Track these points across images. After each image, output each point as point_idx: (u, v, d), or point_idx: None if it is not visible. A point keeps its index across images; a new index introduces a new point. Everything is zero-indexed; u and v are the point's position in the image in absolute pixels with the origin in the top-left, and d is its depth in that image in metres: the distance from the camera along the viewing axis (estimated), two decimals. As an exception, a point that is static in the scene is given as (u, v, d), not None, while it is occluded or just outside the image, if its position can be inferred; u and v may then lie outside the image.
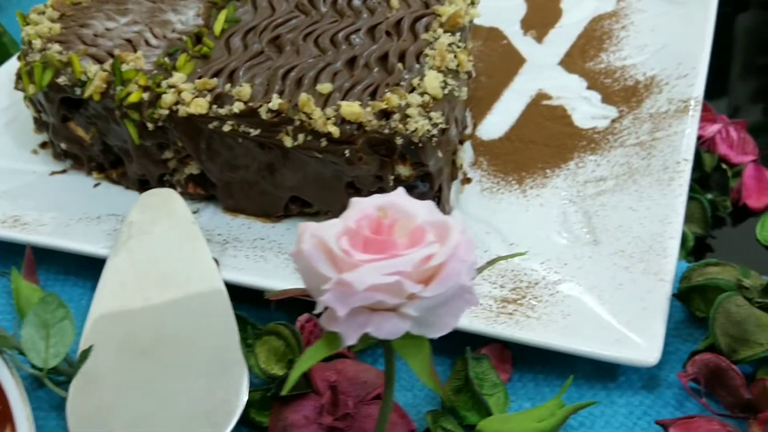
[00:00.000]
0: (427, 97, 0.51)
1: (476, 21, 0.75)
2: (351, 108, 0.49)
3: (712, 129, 0.61)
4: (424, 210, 0.35)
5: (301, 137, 0.50)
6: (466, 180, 0.59)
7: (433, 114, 0.50)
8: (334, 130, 0.49)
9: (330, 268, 0.32)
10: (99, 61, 0.58)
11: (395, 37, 0.58)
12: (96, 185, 0.62)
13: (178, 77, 0.54)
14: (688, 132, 0.56)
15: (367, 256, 0.32)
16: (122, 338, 0.45)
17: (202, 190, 0.58)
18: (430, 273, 0.33)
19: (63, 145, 0.61)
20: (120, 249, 0.51)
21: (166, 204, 0.53)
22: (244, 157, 0.54)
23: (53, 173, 0.63)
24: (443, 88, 0.52)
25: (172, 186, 0.59)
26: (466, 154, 0.62)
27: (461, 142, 0.63)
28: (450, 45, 0.56)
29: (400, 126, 0.49)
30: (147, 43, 0.60)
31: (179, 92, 0.53)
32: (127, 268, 0.49)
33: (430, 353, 0.33)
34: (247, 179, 0.55)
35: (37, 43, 0.59)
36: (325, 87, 0.52)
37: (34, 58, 0.58)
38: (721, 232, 0.56)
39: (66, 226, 0.56)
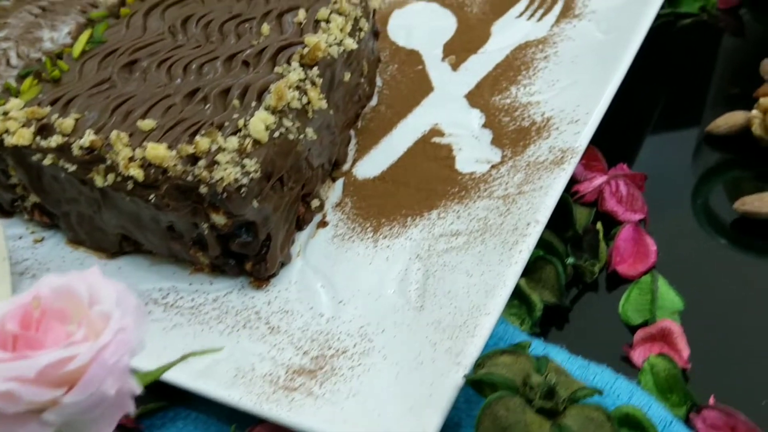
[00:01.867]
0: (248, 141, 0.46)
1: (400, 43, 0.70)
2: (156, 151, 0.45)
3: (597, 182, 0.54)
4: (107, 295, 0.30)
5: (110, 177, 0.47)
6: (323, 224, 0.54)
7: (247, 161, 0.45)
8: (138, 174, 0.45)
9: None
10: (-49, 79, 0.55)
11: (252, 68, 0.53)
12: (-40, 203, 0.59)
13: (13, 104, 0.51)
14: (553, 189, 0.50)
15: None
16: None
17: (47, 219, 0.55)
18: (75, 375, 0.29)
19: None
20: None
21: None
22: (71, 191, 0.50)
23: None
24: (273, 130, 0.47)
25: (23, 210, 0.56)
26: (335, 193, 0.57)
27: (334, 180, 0.58)
28: (302, 80, 0.51)
29: (205, 173, 0.44)
30: (8, 62, 0.57)
31: (5, 120, 0.50)
32: None
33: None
34: (81, 212, 0.52)
35: None
36: (146, 124, 0.48)
37: None
38: (582, 302, 0.50)
39: None
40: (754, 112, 0.60)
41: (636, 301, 0.49)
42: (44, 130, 0.49)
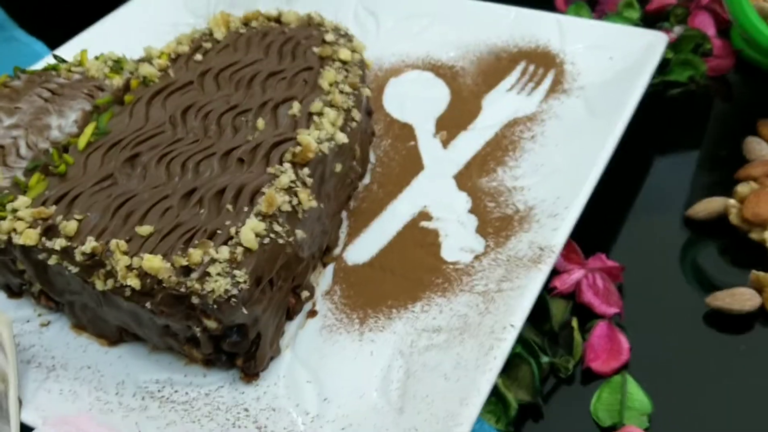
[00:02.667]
0: (239, 250, 0.49)
1: (394, 115, 0.73)
2: (151, 263, 0.48)
3: (575, 276, 0.56)
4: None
5: (110, 282, 0.49)
6: (312, 313, 0.57)
7: (237, 272, 0.48)
8: (135, 283, 0.48)
9: None
10: (-35, 170, 0.57)
11: (246, 166, 0.55)
12: (-29, 280, 0.62)
13: (21, 201, 0.54)
14: (529, 290, 0.52)
15: None
16: None
17: (53, 304, 0.58)
18: None
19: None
20: (-62, 376, 0.51)
21: (-7, 330, 0.53)
22: (75, 285, 0.53)
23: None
24: (264, 236, 0.50)
25: (30, 295, 0.59)
26: (325, 279, 0.59)
27: (325, 265, 0.61)
28: (293, 182, 0.53)
29: (197, 285, 0.47)
30: (18, 151, 0.60)
31: (16, 220, 0.52)
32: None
33: None
34: (84, 304, 0.55)
35: None
36: (144, 229, 0.51)
37: None
38: (555, 399, 0.52)
39: None
40: (732, 201, 0.62)
41: (607, 401, 0.51)
42: (50, 230, 0.52)
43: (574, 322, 0.54)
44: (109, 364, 0.54)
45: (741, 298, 0.55)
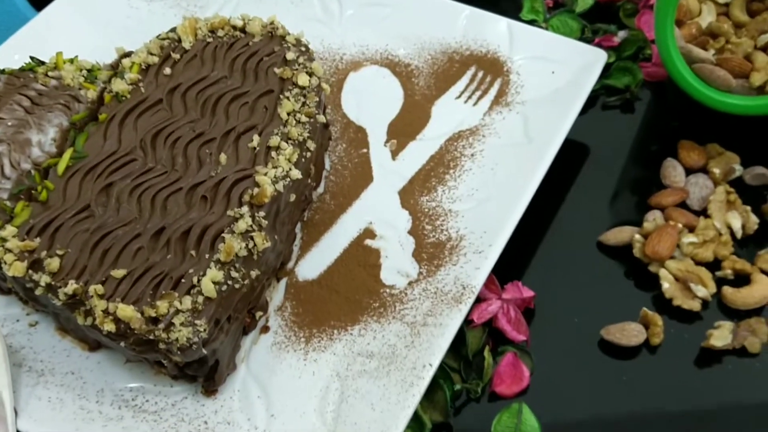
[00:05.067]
0: (200, 299, 0.56)
1: (351, 116, 0.78)
2: (124, 312, 0.55)
3: (493, 308, 0.65)
4: None
5: (89, 320, 0.57)
6: (265, 329, 0.65)
7: (198, 321, 0.55)
8: (111, 327, 0.55)
9: None
10: (-45, 188, 0.63)
11: (209, 204, 0.62)
12: (-35, 273, 0.69)
13: (9, 231, 0.60)
14: (449, 330, 0.61)
15: None
16: None
17: (40, 307, 0.65)
18: None
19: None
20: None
21: (-11, 342, 0.61)
22: (59, 306, 0.60)
23: (-65, 251, 0.70)
24: (222, 284, 0.57)
25: (19, 298, 0.66)
26: (278, 294, 0.67)
27: (279, 279, 0.68)
28: (250, 227, 0.60)
29: (163, 335, 0.55)
30: (2, 170, 0.65)
31: (5, 252, 0.59)
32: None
33: None
34: (67, 317, 0.62)
35: None
36: (118, 273, 0.58)
37: None
38: (464, 418, 0.62)
39: None
40: (637, 236, 0.69)
41: (505, 424, 0.61)
42: (35, 264, 0.58)
43: (487, 352, 0.63)
44: (89, 370, 0.63)
45: (629, 334, 0.64)
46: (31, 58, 0.72)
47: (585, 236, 0.72)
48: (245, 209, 0.60)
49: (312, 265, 0.68)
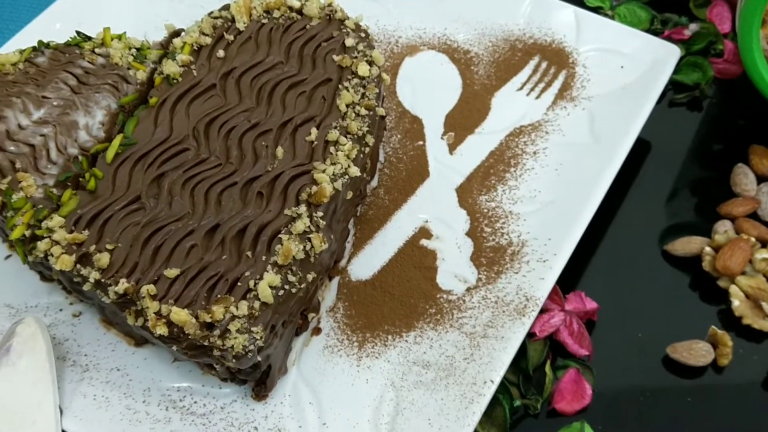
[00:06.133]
0: (256, 305, 0.54)
1: (405, 104, 0.75)
2: (178, 315, 0.53)
3: (555, 320, 0.62)
4: None
5: (140, 321, 0.55)
6: (317, 330, 0.63)
7: (254, 328, 0.53)
8: (163, 330, 0.53)
9: None
10: (1, 172, 0.61)
11: (265, 201, 0.59)
12: (7, 257, 0.67)
13: (56, 221, 0.58)
14: (511, 344, 0.58)
15: None
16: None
17: (84, 298, 0.63)
18: None
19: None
20: (-13, 379, 0.57)
21: (35, 337, 0.59)
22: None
23: (-24, 231, 0.68)
24: (279, 288, 0.55)
25: (63, 288, 0.64)
26: (330, 294, 0.65)
27: (331, 278, 0.66)
28: (307, 227, 0.57)
29: (219, 342, 0.52)
30: (48, 154, 0.62)
31: (52, 243, 0.57)
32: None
33: None
34: (113, 311, 0.60)
35: (-46, 133, 0.62)
36: (171, 272, 0.55)
37: (-54, 156, 0.61)
38: (523, 434, 0.60)
39: (-39, 319, 0.62)
40: (707, 248, 0.66)
41: (565, 443, 0.58)
42: (84, 258, 0.56)
43: (548, 368, 0.60)
44: (135, 366, 0.61)
45: (697, 354, 0.62)
46: (78, 33, 0.69)
47: (648, 243, 0.69)
48: (303, 208, 0.58)
49: (365, 264, 0.66)
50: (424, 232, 0.67)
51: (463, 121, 0.74)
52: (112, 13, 0.81)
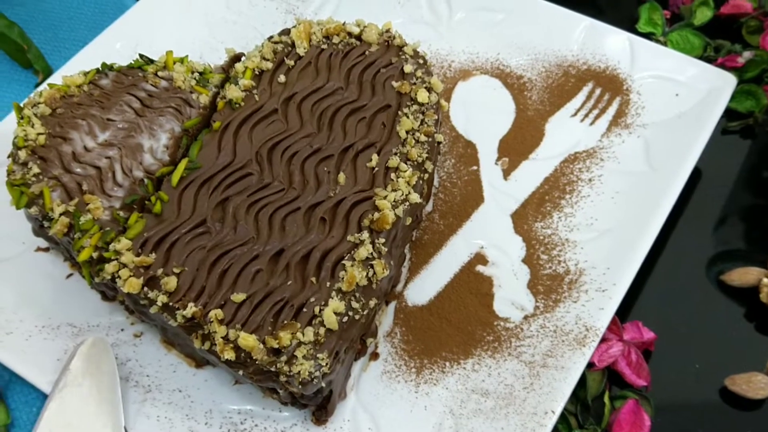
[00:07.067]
0: (321, 331, 0.54)
1: (459, 128, 0.75)
2: (246, 341, 0.54)
3: (614, 351, 0.62)
4: None
5: (207, 344, 0.56)
6: (374, 356, 0.63)
7: (320, 355, 0.54)
8: (231, 355, 0.54)
9: None
10: (69, 194, 0.62)
11: (328, 227, 0.60)
12: (69, 276, 0.69)
13: (123, 244, 0.59)
14: (572, 374, 0.59)
15: None
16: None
17: (146, 318, 0.64)
18: None
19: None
20: (56, 396, 0.58)
21: (100, 357, 0.60)
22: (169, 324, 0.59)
23: (38, 249, 0.70)
24: (343, 315, 0.55)
25: (125, 307, 0.65)
26: (387, 319, 0.65)
27: (387, 303, 0.66)
28: (370, 254, 0.58)
29: (285, 368, 0.53)
30: (114, 177, 0.64)
31: (120, 266, 0.58)
32: (55, 424, 0.57)
33: None
34: (176, 332, 0.61)
35: (22, 154, 0.63)
36: (238, 297, 0.56)
37: (15, 177, 0.62)
38: (581, 465, 0.60)
39: (28, 338, 0.64)
40: (765, 280, 0.66)
41: (624, 475, 0.59)
42: (151, 281, 0.57)
43: (607, 398, 0.61)
44: (197, 388, 0.62)
45: (756, 386, 0.61)
46: (141, 56, 0.71)
47: (701, 271, 0.69)
48: (365, 235, 0.58)
49: (421, 289, 0.66)
50: (479, 258, 0.68)
51: (517, 146, 0.74)
52: (168, 33, 0.82)
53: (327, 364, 0.54)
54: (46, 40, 0.89)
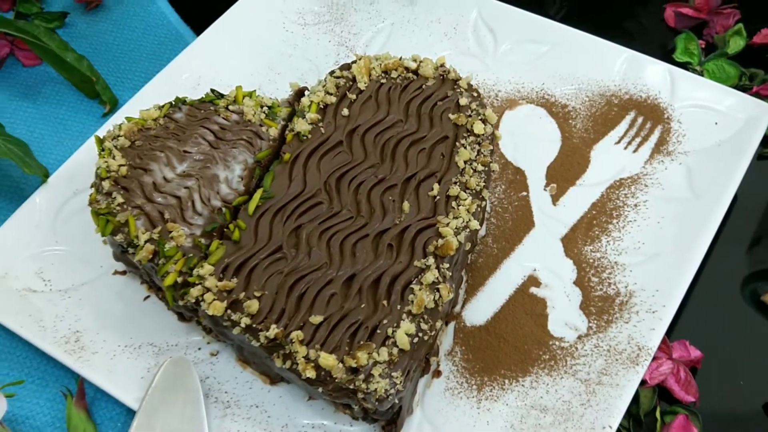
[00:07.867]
0: (395, 351, 0.59)
1: (508, 155, 0.80)
2: (326, 360, 0.58)
3: (664, 368, 0.66)
4: None
5: (288, 363, 0.60)
6: (437, 373, 0.68)
7: (394, 374, 0.58)
8: (312, 374, 0.58)
9: None
10: (152, 222, 0.66)
11: (395, 253, 0.64)
12: (146, 298, 0.73)
13: (206, 269, 0.63)
14: (626, 391, 0.63)
15: None
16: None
17: (223, 338, 0.69)
18: None
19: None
20: (142, 414, 0.63)
21: (183, 375, 0.64)
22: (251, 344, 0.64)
23: (115, 272, 0.75)
24: (413, 336, 0.60)
25: (202, 327, 0.70)
26: (447, 338, 0.69)
27: (447, 323, 0.71)
28: (436, 278, 0.62)
29: (363, 386, 0.58)
30: (193, 206, 0.68)
31: (204, 290, 0.62)
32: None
33: None
34: (253, 351, 0.66)
35: (106, 185, 0.68)
36: (316, 319, 0.60)
37: (100, 206, 0.67)
38: (635, 477, 0.64)
39: (112, 357, 0.68)
40: (804, 300, 0.70)
41: (676, 486, 0.62)
42: (234, 304, 0.62)
43: (658, 413, 0.64)
44: (272, 404, 0.66)
45: (799, 402, 0.65)
46: (212, 90, 0.75)
47: (739, 291, 0.72)
48: (431, 260, 0.63)
49: (478, 310, 0.70)
50: (532, 280, 0.72)
51: (564, 173, 0.78)
52: (229, 66, 0.87)
53: (401, 382, 0.58)
54: (109, 72, 0.94)
